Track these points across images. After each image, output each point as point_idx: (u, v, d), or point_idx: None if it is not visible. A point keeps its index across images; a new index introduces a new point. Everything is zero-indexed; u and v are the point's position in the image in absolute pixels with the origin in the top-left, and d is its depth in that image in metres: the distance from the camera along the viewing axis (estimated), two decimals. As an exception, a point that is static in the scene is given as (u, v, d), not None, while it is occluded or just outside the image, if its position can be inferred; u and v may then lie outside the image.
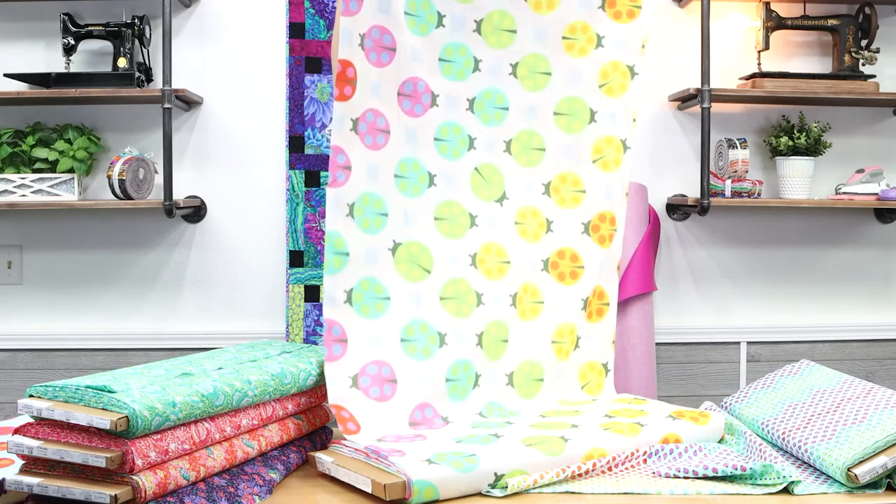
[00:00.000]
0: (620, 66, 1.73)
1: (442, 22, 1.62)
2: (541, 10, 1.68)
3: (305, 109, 2.78)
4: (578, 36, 1.71)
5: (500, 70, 1.67)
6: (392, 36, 1.56)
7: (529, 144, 1.68)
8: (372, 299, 1.51)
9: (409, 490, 1.23)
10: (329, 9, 2.77)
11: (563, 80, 1.71)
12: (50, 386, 1.18)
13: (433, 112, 1.59)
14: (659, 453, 1.43)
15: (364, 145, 1.50)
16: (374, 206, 1.50)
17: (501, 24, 1.66)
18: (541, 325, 1.68)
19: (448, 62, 1.62)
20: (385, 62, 1.55)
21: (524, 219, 1.64)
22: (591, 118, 1.71)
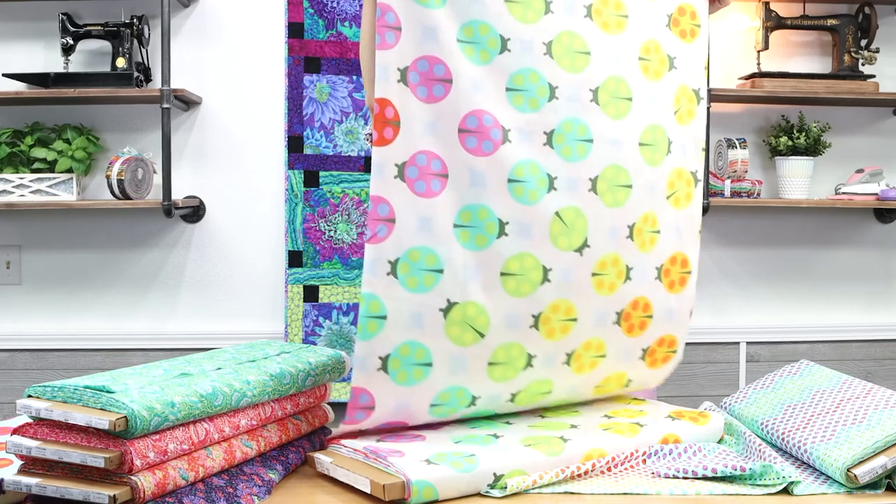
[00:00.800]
0: (688, 90, 1.57)
1: (506, 46, 1.39)
2: (610, 30, 1.49)
3: (304, 109, 2.78)
4: (652, 56, 1.53)
5: (580, 97, 1.44)
6: (445, 66, 1.35)
7: (616, 181, 1.46)
8: (411, 365, 1.34)
9: (408, 490, 1.23)
10: (328, 8, 2.77)
11: (644, 107, 1.51)
12: (48, 386, 1.17)
13: (505, 149, 1.37)
14: (658, 453, 1.42)
15: (414, 193, 1.32)
16: (425, 262, 1.31)
17: (573, 46, 1.45)
18: (594, 375, 1.52)
19: (518, 91, 1.40)
20: (439, 96, 1.35)
21: (604, 269, 1.45)
22: (669, 149, 1.53)
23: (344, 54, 2.77)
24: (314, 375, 1.48)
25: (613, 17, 1.49)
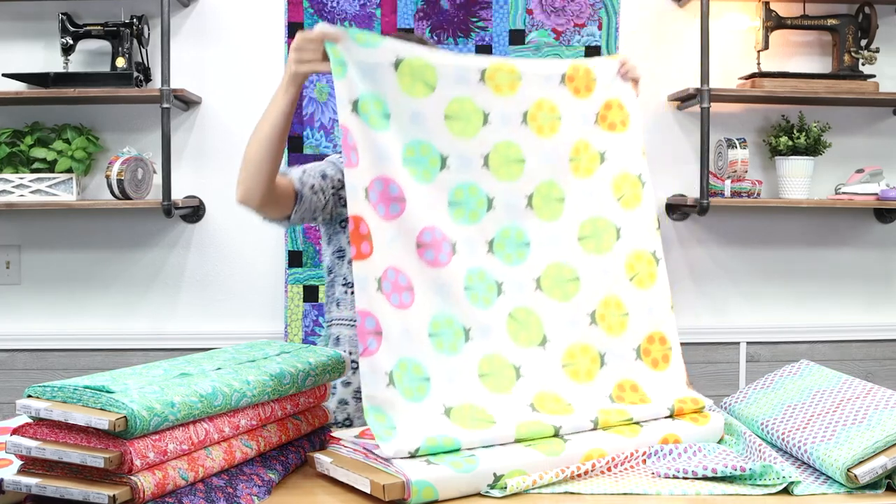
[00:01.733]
0: (629, 177, 1.65)
1: (446, 163, 1.51)
2: (544, 134, 1.59)
3: (304, 109, 2.78)
4: (581, 156, 1.63)
5: (515, 204, 1.55)
6: (398, 185, 1.44)
7: (560, 277, 1.56)
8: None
9: (408, 490, 1.23)
10: (328, 8, 2.77)
11: (578, 204, 1.61)
12: (48, 386, 1.17)
13: (456, 260, 1.47)
14: (658, 454, 1.42)
15: (391, 305, 1.39)
16: (414, 372, 1.37)
17: (509, 155, 1.56)
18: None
19: (458, 205, 1.51)
20: (395, 214, 1.44)
21: (573, 358, 1.51)
22: (618, 235, 1.61)
23: (344, 54, 2.76)
24: (314, 375, 1.48)
25: (548, 121, 1.60)
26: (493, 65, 1.56)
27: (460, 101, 1.53)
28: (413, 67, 1.49)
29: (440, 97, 1.51)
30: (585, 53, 2.83)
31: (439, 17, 2.80)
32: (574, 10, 2.83)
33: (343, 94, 1.46)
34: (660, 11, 2.88)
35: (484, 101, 1.55)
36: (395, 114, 1.48)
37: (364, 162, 1.43)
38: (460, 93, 1.53)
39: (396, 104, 1.48)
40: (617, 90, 1.70)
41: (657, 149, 2.91)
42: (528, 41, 2.83)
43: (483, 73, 1.54)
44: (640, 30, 2.87)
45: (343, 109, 1.45)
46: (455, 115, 1.52)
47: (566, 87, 1.63)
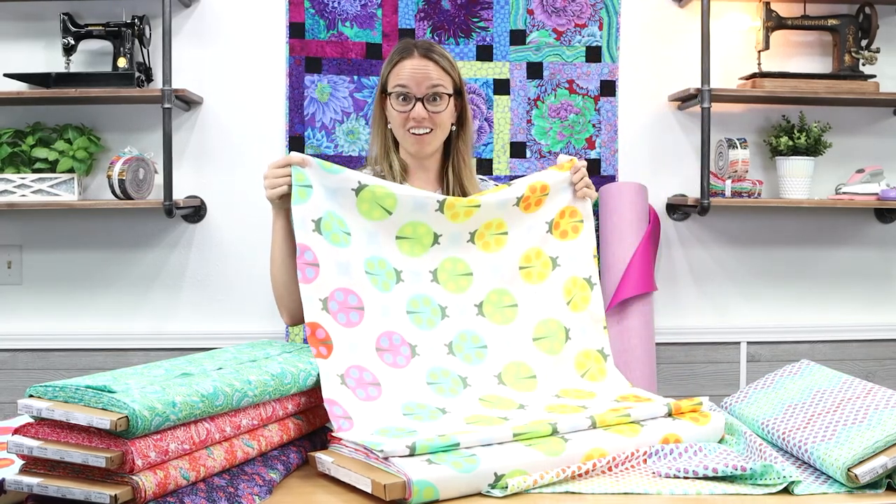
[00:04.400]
0: (578, 280, 1.77)
1: (400, 277, 1.64)
2: (490, 249, 1.73)
3: (305, 109, 2.78)
4: (534, 263, 1.76)
5: (467, 312, 1.69)
6: (357, 296, 1.57)
7: (519, 374, 1.68)
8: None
9: (409, 490, 1.23)
10: (329, 8, 2.77)
11: (531, 308, 1.74)
12: (50, 386, 1.18)
13: (416, 361, 1.59)
14: (659, 453, 1.43)
15: (358, 398, 1.49)
16: (397, 431, 1.44)
17: (456, 270, 1.70)
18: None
19: (416, 313, 1.63)
20: (355, 322, 1.56)
21: (554, 409, 1.58)
22: (567, 336, 1.74)
23: (345, 54, 2.77)
24: (315, 375, 1.48)
25: (493, 237, 1.74)
26: (453, 198, 1.70)
27: (414, 225, 1.67)
28: (374, 194, 1.64)
29: (395, 220, 1.66)
30: (586, 53, 2.84)
31: (440, 17, 2.80)
32: (575, 10, 2.83)
33: (305, 216, 1.58)
34: (660, 11, 2.88)
35: (437, 226, 1.69)
36: (353, 233, 1.61)
37: (323, 276, 1.55)
38: (416, 218, 1.67)
39: (354, 224, 1.62)
40: (571, 199, 1.81)
41: (658, 149, 2.91)
42: (529, 41, 2.83)
43: (441, 203, 1.68)
44: (641, 30, 2.88)
45: (303, 230, 1.57)
46: (407, 236, 1.67)
47: (518, 207, 1.76)
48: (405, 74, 1.92)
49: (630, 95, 2.88)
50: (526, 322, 1.73)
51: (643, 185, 2.80)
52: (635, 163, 2.89)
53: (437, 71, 1.93)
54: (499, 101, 2.83)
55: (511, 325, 1.71)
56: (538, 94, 2.84)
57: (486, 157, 2.83)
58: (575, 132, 2.85)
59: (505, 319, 1.72)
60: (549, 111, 2.84)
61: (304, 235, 1.57)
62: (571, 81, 2.84)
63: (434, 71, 1.93)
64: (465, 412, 1.54)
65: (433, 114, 1.92)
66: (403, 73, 1.92)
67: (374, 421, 1.46)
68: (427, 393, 1.57)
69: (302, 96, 2.78)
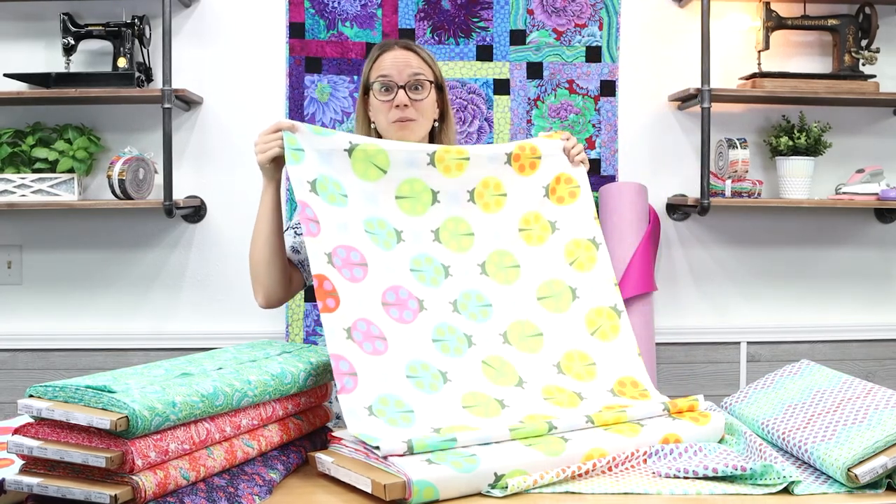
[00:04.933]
0: (581, 241, 1.77)
1: (401, 237, 1.64)
2: (490, 210, 1.73)
3: (305, 109, 2.78)
4: (533, 226, 1.76)
5: (470, 272, 1.68)
6: (359, 252, 1.56)
7: (524, 333, 1.66)
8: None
9: (409, 490, 1.23)
10: (329, 8, 2.77)
11: (533, 269, 1.73)
12: (50, 386, 1.18)
13: (423, 316, 1.57)
14: (659, 453, 1.43)
15: (364, 352, 1.46)
16: (396, 406, 1.44)
17: (458, 230, 1.70)
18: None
19: (419, 271, 1.62)
20: (359, 277, 1.54)
21: (551, 395, 1.59)
22: (574, 294, 1.73)
23: (345, 54, 2.77)
24: (315, 375, 1.48)
25: (493, 198, 1.73)
26: (442, 148, 1.70)
27: (410, 182, 1.67)
28: (367, 153, 1.63)
29: (391, 179, 1.65)
30: (586, 53, 2.84)
31: (440, 17, 2.80)
32: (575, 10, 2.83)
33: (300, 176, 1.56)
34: (660, 11, 2.88)
35: (433, 182, 1.69)
36: (350, 195, 1.60)
37: (325, 232, 1.53)
38: (410, 174, 1.67)
39: (351, 186, 1.61)
40: (564, 166, 1.81)
41: (658, 149, 2.91)
42: (529, 41, 2.83)
43: (432, 156, 1.68)
44: (641, 30, 2.88)
45: (301, 189, 1.55)
46: (406, 195, 1.66)
47: (511, 166, 1.76)
48: (386, 64, 1.93)
49: (630, 95, 2.88)
50: (529, 282, 1.71)
51: (643, 185, 2.80)
52: (635, 163, 2.89)
53: (418, 60, 1.95)
54: (499, 101, 2.83)
55: (514, 285, 1.70)
56: (538, 94, 2.84)
57: (486, 157, 2.83)
58: (575, 132, 2.85)
59: (508, 279, 1.70)
60: (549, 111, 2.84)
61: (303, 194, 1.55)
62: (571, 81, 2.84)
63: (414, 60, 1.95)
64: (466, 385, 1.52)
65: (415, 101, 1.92)
66: (385, 64, 1.93)
67: (378, 382, 1.44)
68: (432, 351, 1.55)
69: (302, 96, 2.78)
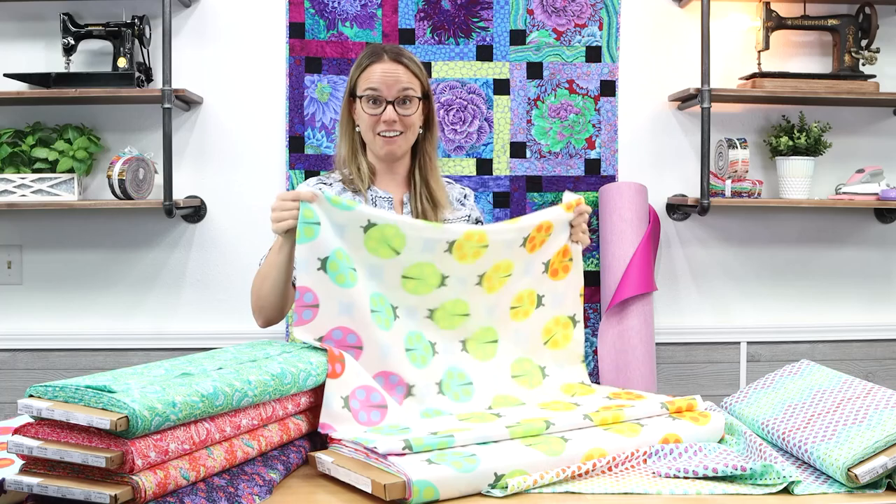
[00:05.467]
0: (561, 319, 1.80)
1: (396, 314, 1.64)
2: (493, 291, 1.73)
3: (305, 109, 2.78)
4: (524, 302, 1.77)
5: (452, 349, 1.70)
6: (357, 335, 1.58)
7: (508, 404, 1.69)
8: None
9: (409, 490, 1.23)
10: (329, 8, 2.77)
11: (509, 345, 1.75)
12: (50, 386, 1.18)
13: (409, 402, 1.60)
14: (659, 453, 1.43)
15: (358, 422, 1.50)
16: (389, 429, 1.50)
17: (455, 310, 1.70)
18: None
19: (412, 350, 1.63)
20: (354, 359, 1.57)
21: (546, 406, 1.63)
22: (543, 373, 1.76)
23: (345, 54, 2.77)
24: (315, 375, 1.48)
25: (499, 280, 1.72)
26: (464, 237, 1.66)
27: (420, 266, 1.65)
28: (383, 234, 1.61)
29: (402, 261, 1.64)
30: (586, 53, 2.84)
31: (440, 17, 2.80)
32: (575, 10, 2.83)
33: (310, 255, 1.56)
34: (660, 11, 2.88)
35: (445, 267, 1.67)
36: (358, 269, 1.60)
37: (321, 317, 1.56)
38: (423, 259, 1.65)
39: (359, 260, 1.61)
40: (566, 238, 1.81)
41: (657, 149, 2.91)
42: (529, 41, 2.83)
43: (451, 244, 1.65)
44: (641, 30, 2.88)
45: (307, 270, 1.56)
46: (413, 277, 1.65)
47: (524, 247, 1.75)
48: (376, 78, 1.95)
49: (630, 95, 2.88)
50: (504, 359, 1.74)
51: (643, 185, 2.80)
52: (635, 163, 2.89)
53: (407, 74, 1.97)
54: (499, 101, 2.83)
55: (491, 362, 1.73)
56: (538, 94, 2.84)
57: (486, 157, 2.83)
58: (575, 132, 2.85)
59: (486, 355, 1.73)
60: (549, 111, 2.84)
61: (306, 276, 1.55)
62: (571, 81, 2.84)
63: (404, 74, 1.96)
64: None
65: (403, 117, 1.96)
66: (374, 77, 1.95)
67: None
68: (421, 425, 1.56)
69: (302, 96, 2.78)
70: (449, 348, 1.70)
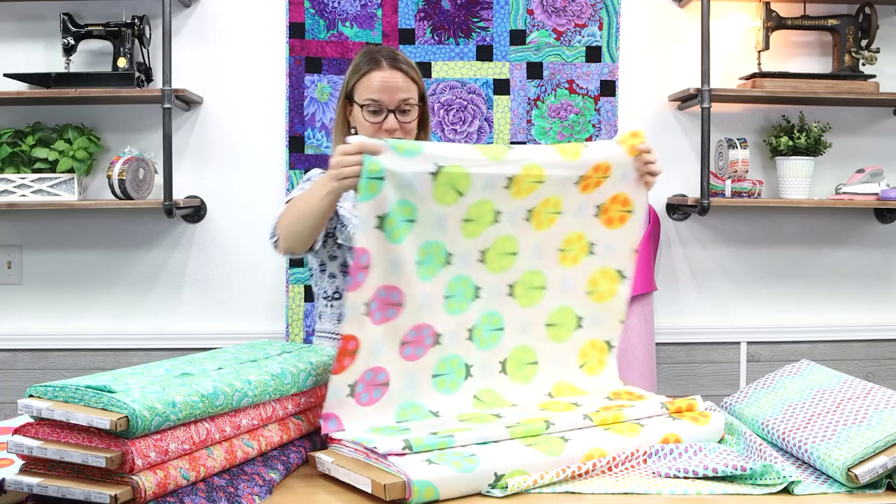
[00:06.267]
0: (609, 271, 1.74)
1: (449, 261, 1.57)
2: (542, 228, 1.66)
3: (305, 109, 2.78)
4: (573, 246, 1.71)
5: (499, 292, 1.65)
6: (400, 292, 1.51)
7: (523, 360, 1.68)
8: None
9: (409, 490, 1.23)
10: (329, 8, 2.77)
11: (555, 292, 1.71)
12: (50, 386, 1.18)
13: (433, 351, 1.57)
14: (659, 453, 1.43)
15: (358, 404, 1.48)
16: (390, 430, 1.46)
17: (504, 248, 1.63)
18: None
19: (450, 298, 1.58)
20: (390, 317, 1.51)
21: (546, 406, 1.60)
22: (579, 324, 1.73)
23: (345, 54, 2.77)
24: (315, 375, 1.48)
25: (547, 216, 1.65)
26: (523, 171, 1.58)
27: (479, 205, 1.56)
28: (451, 177, 1.51)
29: (465, 203, 1.55)
30: (586, 53, 2.83)
31: (440, 17, 2.80)
32: (575, 10, 2.83)
33: (370, 213, 1.47)
34: (660, 11, 2.88)
35: (501, 204, 1.59)
36: (420, 219, 1.51)
37: (371, 278, 1.47)
38: (483, 196, 1.56)
39: (425, 210, 1.51)
40: (627, 185, 1.72)
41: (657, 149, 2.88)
42: (529, 41, 2.83)
43: (511, 180, 1.57)
44: (641, 30, 2.88)
45: (366, 229, 1.47)
46: (471, 218, 1.57)
47: (578, 186, 1.65)
48: (375, 87, 1.94)
49: (630, 95, 2.88)
50: (545, 307, 1.70)
51: (643, 185, 2.79)
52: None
53: (406, 81, 1.97)
54: (499, 101, 2.83)
55: (533, 308, 1.69)
56: (538, 94, 2.84)
57: (486, 157, 2.83)
58: (575, 132, 2.85)
59: (531, 301, 1.68)
60: (549, 111, 2.84)
61: (364, 236, 1.47)
62: (571, 81, 2.84)
63: (403, 82, 1.96)
64: (458, 411, 1.55)
65: (403, 124, 1.96)
66: (374, 86, 1.94)
67: (366, 425, 1.47)
68: (427, 390, 1.57)
69: (302, 96, 2.78)
70: (495, 292, 1.64)
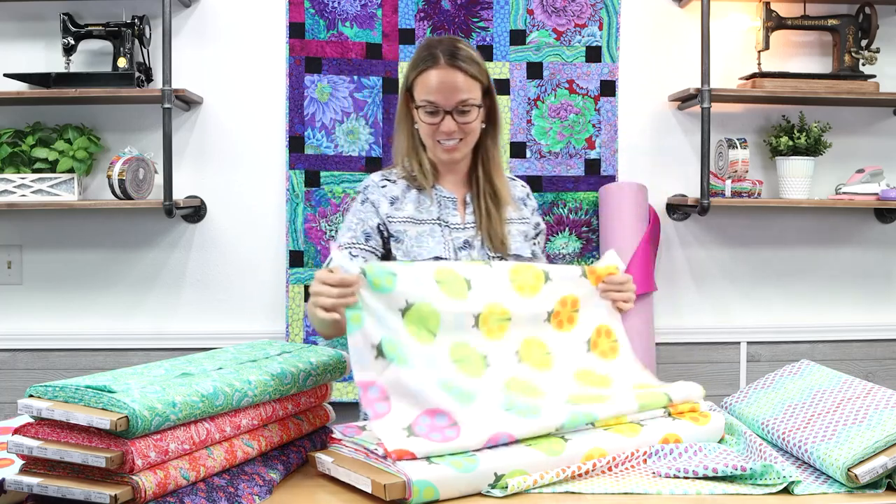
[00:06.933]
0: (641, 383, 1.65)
1: (474, 398, 1.48)
2: (544, 368, 1.62)
3: (305, 109, 2.78)
4: (589, 381, 1.64)
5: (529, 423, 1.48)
6: (446, 414, 1.41)
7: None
8: None
9: (409, 490, 1.23)
10: (329, 8, 2.77)
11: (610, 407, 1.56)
12: (50, 386, 1.18)
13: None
14: (659, 453, 1.43)
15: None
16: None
17: (518, 388, 1.55)
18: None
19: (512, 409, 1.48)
20: (452, 437, 1.38)
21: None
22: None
23: (345, 54, 2.77)
24: (315, 375, 1.48)
25: (541, 358, 1.62)
26: (486, 311, 1.58)
27: (460, 346, 1.54)
28: (420, 314, 1.50)
29: (441, 343, 1.52)
30: (586, 53, 2.83)
31: (440, 17, 2.80)
32: (575, 10, 2.83)
33: (364, 344, 1.43)
34: (660, 11, 2.88)
35: (479, 345, 1.56)
36: (410, 359, 1.46)
37: (397, 407, 1.40)
38: (459, 339, 1.54)
39: (410, 349, 1.47)
40: (601, 315, 1.71)
41: (657, 149, 2.91)
42: (529, 41, 2.83)
43: (477, 318, 1.57)
44: (641, 30, 2.88)
45: (362, 362, 1.42)
46: (460, 359, 1.53)
47: (550, 323, 1.65)
48: (432, 87, 1.82)
49: (630, 95, 2.88)
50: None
51: (643, 185, 2.79)
52: (635, 163, 2.89)
53: (465, 80, 1.84)
54: (499, 100, 2.83)
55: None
56: (538, 94, 2.84)
57: (486, 157, 2.83)
58: (575, 132, 2.85)
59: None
60: (549, 111, 2.84)
61: (363, 370, 1.41)
62: (571, 81, 2.84)
63: (462, 82, 1.83)
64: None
65: (462, 125, 1.85)
66: (430, 86, 1.83)
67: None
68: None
69: (302, 96, 2.78)
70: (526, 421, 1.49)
